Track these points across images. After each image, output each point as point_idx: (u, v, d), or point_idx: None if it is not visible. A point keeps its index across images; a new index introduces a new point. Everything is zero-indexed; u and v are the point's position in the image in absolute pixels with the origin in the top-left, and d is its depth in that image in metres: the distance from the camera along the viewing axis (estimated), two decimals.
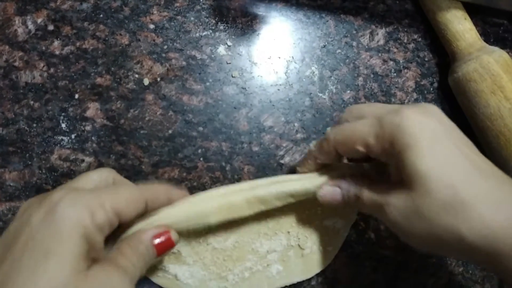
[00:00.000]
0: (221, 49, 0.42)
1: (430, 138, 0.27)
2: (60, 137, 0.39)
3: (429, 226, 0.26)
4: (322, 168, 0.34)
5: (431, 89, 0.43)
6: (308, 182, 0.33)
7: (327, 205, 0.33)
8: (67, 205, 0.25)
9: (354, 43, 0.43)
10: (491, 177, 0.26)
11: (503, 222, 0.24)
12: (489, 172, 0.26)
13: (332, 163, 0.34)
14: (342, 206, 0.33)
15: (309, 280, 0.38)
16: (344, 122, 0.32)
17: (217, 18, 0.42)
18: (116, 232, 0.29)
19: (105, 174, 0.31)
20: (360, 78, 0.43)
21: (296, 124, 0.41)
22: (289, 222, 0.37)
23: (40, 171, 0.38)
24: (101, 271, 0.26)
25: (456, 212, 0.25)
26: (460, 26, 0.40)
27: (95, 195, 0.27)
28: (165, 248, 0.30)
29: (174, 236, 0.31)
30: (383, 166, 0.32)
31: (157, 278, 0.35)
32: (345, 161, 0.36)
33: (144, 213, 0.30)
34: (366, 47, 0.43)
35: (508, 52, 0.41)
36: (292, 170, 0.39)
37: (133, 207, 0.28)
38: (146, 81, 0.40)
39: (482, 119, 0.39)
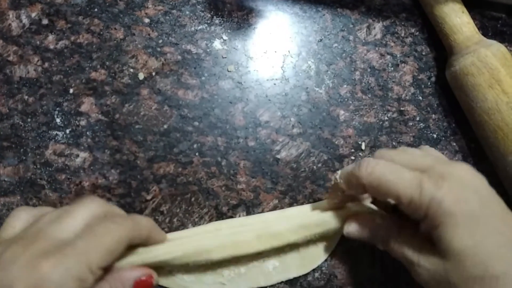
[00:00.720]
0: (217, 43, 0.41)
1: (469, 216, 0.28)
2: (54, 132, 0.39)
3: None
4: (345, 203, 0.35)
5: (429, 83, 0.43)
6: (328, 215, 0.34)
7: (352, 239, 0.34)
8: (56, 281, 0.25)
9: (351, 37, 0.43)
10: None
11: None
12: None
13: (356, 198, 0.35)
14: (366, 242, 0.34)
15: (306, 275, 0.38)
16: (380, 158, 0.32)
17: (212, 12, 0.42)
18: None
19: (96, 211, 0.30)
20: (357, 73, 0.42)
21: (292, 119, 0.41)
22: None
23: (35, 166, 0.38)
24: None
25: (486, 285, 0.26)
26: (458, 20, 0.40)
27: (82, 258, 0.26)
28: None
29: (155, 280, 0.32)
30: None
31: None
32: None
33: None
34: (363, 41, 0.43)
35: (506, 46, 0.41)
36: (289, 165, 0.39)
37: (117, 251, 0.28)
38: (141, 76, 0.40)
39: (479, 113, 0.39)
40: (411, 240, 0.31)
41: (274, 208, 0.39)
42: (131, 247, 0.31)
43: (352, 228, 0.34)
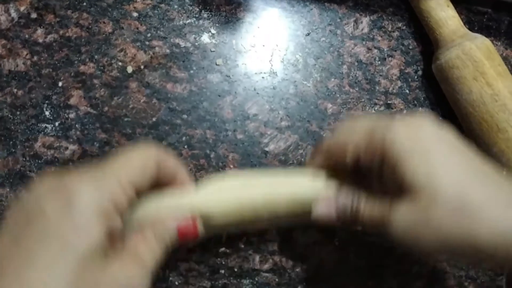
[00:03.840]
0: (205, 37, 0.42)
1: (426, 148, 0.26)
2: (44, 125, 0.39)
3: (440, 234, 0.25)
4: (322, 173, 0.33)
5: (415, 77, 0.43)
6: (306, 189, 0.31)
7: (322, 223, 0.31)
8: (86, 195, 0.23)
9: (339, 31, 0.43)
10: (494, 178, 0.26)
11: None
12: (491, 173, 0.26)
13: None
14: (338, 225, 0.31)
15: (293, 266, 0.39)
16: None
17: (200, 6, 0.42)
18: None
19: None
20: (345, 66, 0.43)
21: (280, 112, 0.41)
22: None
23: (24, 159, 0.38)
24: (120, 266, 0.24)
25: (466, 216, 0.24)
26: (443, 13, 0.41)
27: (111, 172, 0.25)
28: (189, 239, 0.29)
29: (200, 228, 0.29)
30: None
31: None
32: None
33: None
34: (351, 35, 0.43)
35: (492, 40, 0.41)
36: (278, 158, 0.40)
37: (147, 171, 0.27)
38: (129, 69, 0.40)
39: (465, 106, 0.39)
40: (378, 203, 0.29)
41: None
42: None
43: (319, 212, 0.31)
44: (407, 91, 0.43)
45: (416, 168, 0.26)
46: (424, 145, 0.27)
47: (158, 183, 0.29)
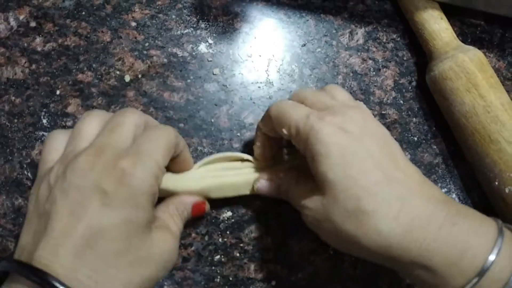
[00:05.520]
0: (202, 47, 0.42)
1: (345, 149, 0.28)
2: (41, 133, 0.39)
3: (336, 230, 0.28)
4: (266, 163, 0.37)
5: (410, 87, 0.44)
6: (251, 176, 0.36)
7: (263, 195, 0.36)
8: (139, 176, 0.27)
9: (334, 42, 0.44)
10: (396, 184, 0.28)
11: (399, 233, 0.27)
12: (397, 180, 0.28)
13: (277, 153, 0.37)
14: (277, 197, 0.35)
15: (288, 275, 0.39)
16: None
17: (198, 16, 0.43)
18: None
19: (138, 121, 0.31)
20: (340, 77, 0.43)
21: None
22: None
23: (21, 167, 0.39)
24: (161, 236, 0.29)
25: (357, 221, 0.27)
26: (437, 26, 0.41)
27: (152, 156, 0.28)
28: (198, 215, 0.35)
29: (207, 207, 0.36)
30: None
31: None
32: None
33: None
34: (346, 46, 0.44)
35: (484, 52, 0.42)
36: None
37: (171, 153, 0.31)
38: (127, 78, 0.41)
39: (458, 117, 0.40)
40: (304, 187, 0.32)
41: (259, 207, 0.40)
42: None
43: (260, 185, 0.35)
44: (401, 101, 0.44)
45: (329, 169, 0.28)
46: (346, 143, 0.28)
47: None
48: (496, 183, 0.38)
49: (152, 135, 0.30)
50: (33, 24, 0.41)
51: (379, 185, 0.27)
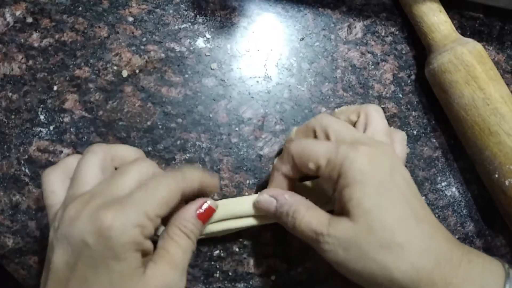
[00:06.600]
0: (200, 42, 0.42)
1: (379, 180, 0.29)
2: (38, 129, 0.39)
3: (366, 260, 0.28)
4: None
5: (408, 81, 0.44)
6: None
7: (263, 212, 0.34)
8: (118, 227, 0.26)
9: (332, 36, 0.44)
10: (424, 222, 0.29)
11: (429, 268, 0.27)
12: (424, 218, 0.29)
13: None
14: (275, 219, 0.33)
15: (288, 270, 0.39)
16: (311, 129, 0.33)
17: (195, 11, 0.42)
18: None
19: (145, 170, 0.30)
20: (338, 71, 0.43)
21: (275, 116, 0.41)
22: None
23: (18, 163, 0.38)
24: (157, 272, 0.28)
25: (391, 252, 0.27)
26: (435, 19, 0.41)
27: (140, 207, 0.27)
28: (208, 215, 0.32)
29: (212, 203, 0.32)
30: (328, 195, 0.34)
31: None
32: None
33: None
34: (344, 40, 0.44)
35: (483, 45, 0.42)
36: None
37: (172, 202, 0.29)
38: (124, 73, 0.40)
39: (457, 110, 0.40)
40: (318, 215, 0.30)
41: None
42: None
43: (262, 198, 0.33)
44: (400, 95, 0.43)
45: (365, 196, 0.28)
46: (382, 176, 0.29)
47: None
48: (496, 175, 0.38)
49: (151, 183, 0.29)
50: (29, 19, 0.41)
51: (410, 220, 0.28)
